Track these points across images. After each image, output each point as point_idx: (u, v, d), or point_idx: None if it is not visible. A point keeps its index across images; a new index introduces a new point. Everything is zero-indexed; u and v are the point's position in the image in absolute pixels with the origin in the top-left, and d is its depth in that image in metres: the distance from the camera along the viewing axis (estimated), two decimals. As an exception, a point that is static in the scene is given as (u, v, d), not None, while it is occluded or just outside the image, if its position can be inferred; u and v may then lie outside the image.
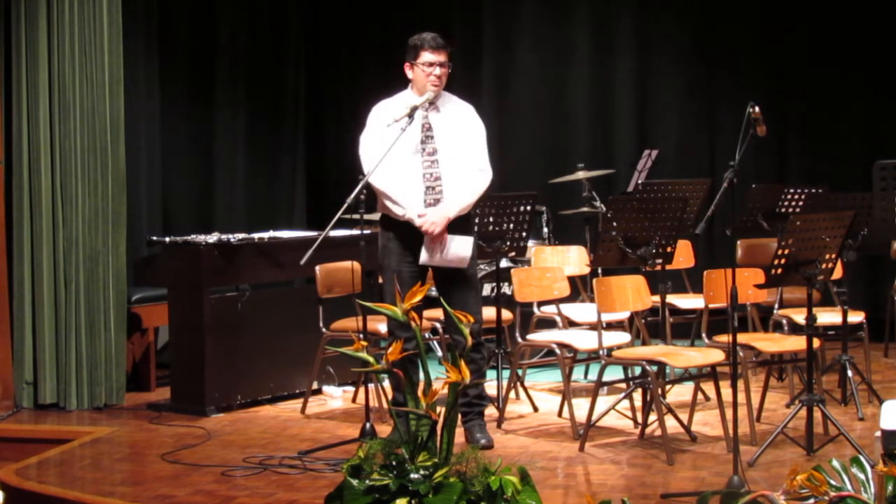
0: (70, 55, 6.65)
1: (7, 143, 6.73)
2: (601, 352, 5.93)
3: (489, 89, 9.33)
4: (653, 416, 5.67)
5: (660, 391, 5.57)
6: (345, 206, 5.42)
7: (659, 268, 5.94)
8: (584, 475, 5.21)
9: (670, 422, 5.64)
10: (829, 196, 6.38)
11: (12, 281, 6.73)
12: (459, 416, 5.08)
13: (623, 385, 6.19)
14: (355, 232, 6.22)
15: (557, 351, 6.10)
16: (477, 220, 6.17)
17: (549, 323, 6.98)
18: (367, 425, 5.61)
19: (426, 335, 6.72)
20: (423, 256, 5.47)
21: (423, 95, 5.53)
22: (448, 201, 5.49)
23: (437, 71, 5.51)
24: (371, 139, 5.59)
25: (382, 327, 6.21)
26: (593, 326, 6.23)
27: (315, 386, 6.83)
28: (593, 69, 9.29)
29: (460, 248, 5.48)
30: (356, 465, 3.92)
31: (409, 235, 5.52)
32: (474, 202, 5.60)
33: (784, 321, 6.44)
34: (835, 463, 3.59)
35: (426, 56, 5.52)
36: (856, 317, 6.47)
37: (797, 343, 5.73)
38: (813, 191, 6.84)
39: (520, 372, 6.66)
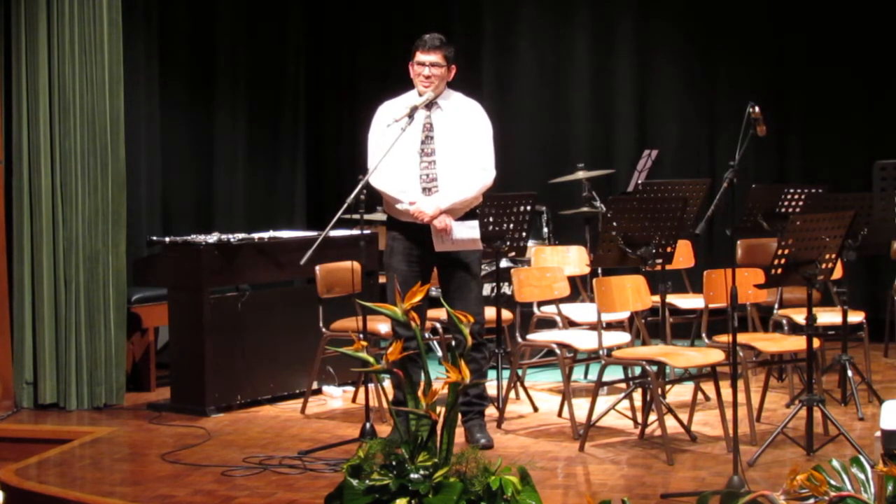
0: (70, 55, 6.65)
1: (7, 143, 6.73)
2: (601, 352, 5.93)
3: (489, 89, 9.33)
4: (653, 416, 5.67)
5: (660, 391, 5.57)
6: (345, 206, 5.43)
7: (659, 268, 5.95)
8: (584, 475, 5.21)
9: (670, 422, 5.64)
10: (829, 196, 6.37)
11: (12, 281, 6.72)
12: (459, 415, 5.08)
13: (623, 385, 6.19)
14: (355, 232, 6.22)
15: (557, 351, 6.10)
16: (477, 221, 6.17)
17: (549, 323, 6.98)
18: (367, 425, 5.61)
19: (426, 335, 6.72)
20: (436, 243, 5.52)
21: (424, 96, 5.54)
22: (442, 193, 5.51)
23: (426, 71, 5.52)
24: (373, 139, 5.61)
25: (382, 327, 6.21)
26: (593, 326, 6.23)
27: (315, 386, 6.83)
28: (593, 69, 9.29)
29: (466, 231, 5.53)
30: (356, 465, 3.92)
31: (413, 236, 5.54)
32: (473, 198, 5.59)
33: (784, 321, 6.44)
34: (835, 463, 3.60)
35: (418, 56, 5.55)
36: (856, 317, 6.47)
37: (797, 343, 5.73)
38: (813, 191, 6.83)
39: (520, 372, 6.66)
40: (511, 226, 6.41)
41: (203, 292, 6.52)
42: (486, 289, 7.61)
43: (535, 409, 6.48)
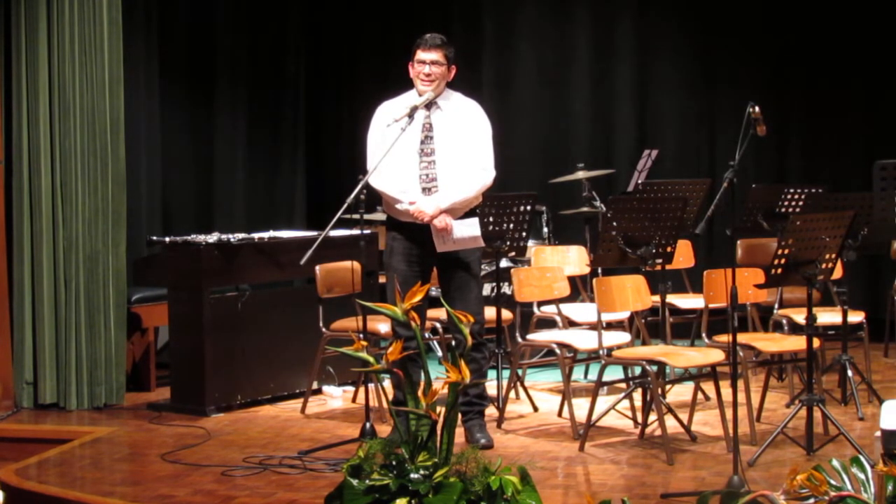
0: (70, 55, 6.65)
1: (7, 143, 6.73)
2: (601, 352, 5.93)
3: (489, 89, 9.33)
4: (653, 416, 5.67)
5: (660, 391, 5.57)
6: (345, 206, 5.43)
7: (659, 268, 5.95)
8: (584, 475, 5.21)
9: (670, 422, 5.64)
10: (829, 196, 6.37)
11: (12, 281, 6.73)
12: (459, 415, 5.08)
13: (623, 385, 6.19)
14: (355, 232, 6.22)
15: (557, 351, 6.10)
16: (476, 219, 6.17)
17: (549, 323, 6.98)
18: (367, 425, 5.61)
19: (426, 335, 6.72)
20: (437, 244, 5.51)
21: (423, 95, 5.54)
22: (442, 193, 5.51)
23: (426, 69, 5.52)
24: (373, 139, 5.62)
25: (382, 327, 6.21)
26: (593, 326, 6.23)
27: (315, 386, 6.84)
28: (593, 69, 9.30)
29: (466, 229, 5.53)
30: (356, 465, 3.92)
31: (413, 236, 5.54)
32: (473, 197, 5.59)
33: (784, 321, 6.44)
34: (835, 463, 3.60)
35: (418, 54, 5.56)
36: (856, 317, 6.47)
37: (797, 343, 5.73)
38: (813, 191, 6.84)
39: (520, 372, 6.66)
40: (511, 226, 6.41)
41: (203, 292, 6.52)
42: (486, 289, 7.61)
43: (535, 409, 6.48)
